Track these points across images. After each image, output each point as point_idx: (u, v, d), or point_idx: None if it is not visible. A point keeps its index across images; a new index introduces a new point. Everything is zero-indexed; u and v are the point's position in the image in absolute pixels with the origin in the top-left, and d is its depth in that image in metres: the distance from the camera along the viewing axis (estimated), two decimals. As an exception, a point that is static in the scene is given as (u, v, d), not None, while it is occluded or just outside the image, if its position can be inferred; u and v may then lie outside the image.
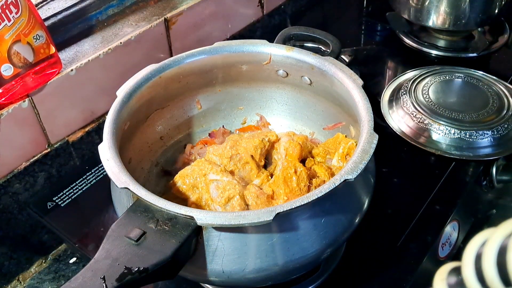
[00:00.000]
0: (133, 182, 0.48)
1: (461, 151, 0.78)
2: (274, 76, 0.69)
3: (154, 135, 0.69)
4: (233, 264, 0.48)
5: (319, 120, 0.71)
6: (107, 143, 0.52)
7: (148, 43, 0.80)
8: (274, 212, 0.44)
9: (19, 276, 0.73)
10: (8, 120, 0.66)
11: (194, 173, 0.59)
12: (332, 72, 0.62)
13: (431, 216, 0.69)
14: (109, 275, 0.41)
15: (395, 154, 0.80)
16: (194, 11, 0.86)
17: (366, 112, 0.55)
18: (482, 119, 0.80)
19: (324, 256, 0.52)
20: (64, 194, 0.72)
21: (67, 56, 0.74)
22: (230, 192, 0.56)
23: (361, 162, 0.48)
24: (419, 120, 0.82)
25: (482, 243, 0.33)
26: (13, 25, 0.61)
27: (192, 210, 0.45)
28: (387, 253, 0.65)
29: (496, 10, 0.98)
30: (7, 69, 0.63)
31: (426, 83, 0.88)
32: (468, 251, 0.34)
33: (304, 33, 0.69)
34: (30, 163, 0.71)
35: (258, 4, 1.02)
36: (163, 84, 0.64)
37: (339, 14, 1.19)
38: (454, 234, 0.74)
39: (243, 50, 0.66)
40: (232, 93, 0.73)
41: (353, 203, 0.53)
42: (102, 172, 0.75)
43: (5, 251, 0.71)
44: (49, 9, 0.77)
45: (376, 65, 1.03)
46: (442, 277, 0.36)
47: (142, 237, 0.44)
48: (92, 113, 0.77)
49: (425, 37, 1.05)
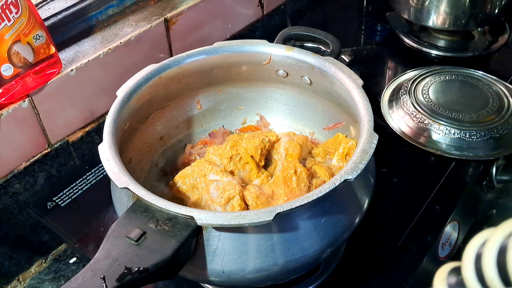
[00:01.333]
0: (133, 182, 0.48)
1: (461, 151, 0.78)
2: (274, 76, 0.69)
3: (154, 135, 0.69)
4: (233, 264, 0.48)
5: (319, 120, 0.71)
6: (107, 143, 0.52)
7: (148, 43, 0.80)
8: (274, 212, 0.44)
9: (19, 276, 0.73)
10: (8, 120, 0.66)
11: (194, 174, 0.59)
12: (332, 72, 0.62)
13: (431, 216, 0.69)
14: (109, 275, 0.41)
15: (395, 154, 0.80)
16: (194, 11, 0.86)
17: (366, 112, 0.55)
18: (482, 119, 0.80)
19: (324, 256, 0.52)
20: (64, 194, 0.72)
21: (67, 56, 0.74)
22: (230, 192, 0.56)
23: (361, 162, 0.48)
24: (419, 120, 0.82)
25: (482, 243, 0.33)
26: (13, 25, 0.61)
27: (192, 210, 0.45)
28: (387, 253, 0.65)
29: (496, 10, 0.98)
30: (7, 69, 0.63)
31: (426, 83, 0.88)
32: (468, 251, 0.34)
33: (304, 33, 0.69)
34: (30, 163, 0.71)
35: (258, 4, 1.02)
36: (163, 84, 0.64)
37: (339, 14, 1.19)
38: (454, 234, 0.74)
39: (243, 50, 0.66)
40: (232, 93, 0.73)
41: (353, 203, 0.53)
42: (102, 172, 0.75)
43: (5, 251, 0.71)
44: (49, 9, 0.77)
45: (376, 65, 1.03)
46: (442, 277, 0.36)
47: (142, 237, 0.44)
48: (92, 113, 0.77)
49: (425, 37, 1.05)
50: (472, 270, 0.33)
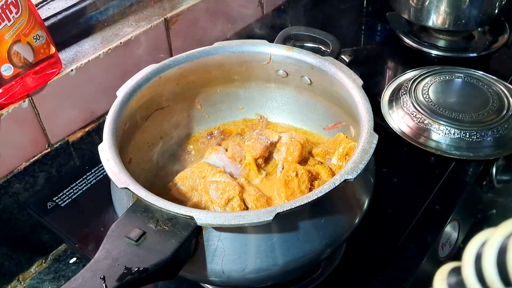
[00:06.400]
0: (133, 182, 0.48)
1: (461, 151, 0.77)
2: (274, 76, 0.69)
3: (154, 135, 0.69)
4: (233, 264, 0.48)
5: (319, 120, 0.71)
6: (107, 143, 0.52)
7: (148, 43, 0.80)
8: (274, 212, 0.44)
9: (19, 276, 0.73)
10: (8, 120, 0.66)
11: (194, 175, 0.59)
12: (332, 72, 0.62)
13: (431, 216, 0.69)
14: (109, 275, 0.41)
15: (395, 154, 0.80)
16: (194, 11, 0.86)
17: (366, 112, 0.55)
18: (482, 119, 0.80)
19: (324, 256, 0.52)
20: (64, 194, 0.72)
21: (67, 56, 0.74)
22: (230, 193, 0.56)
23: (361, 162, 0.48)
24: (419, 120, 0.82)
25: (482, 243, 0.33)
26: (13, 25, 0.61)
27: (192, 210, 0.45)
28: (387, 253, 0.65)
29: (496, 10, 0.98)
30: (7, 69, 0.63)
31: (426, 83, 0.88)
32: (468, 251, 0.34)
33: (304, 33, 0.69)
34: (30, 163, 0.71)
35: (258, 4, 1.02)
36: (163, 84, 0.64)
37: (339, 14, 1.19)
38: (454, 234, 0.74)
39: (243, 50, 0.66)
40: (232, 93, 0.73)
41: (353, 203, 0.53)
42: (102, 172, 0.75)
43: (5, 251, 0.71)
44: (49, 9, 0.77)
45: (376, 65, 1.03)
46: (442, 277, 0.36)
47: (142, 237, 0.44)
48: (92, 113, 0.77)
49: (425, 37, 1.05)
50: (472, 270, 0.33)
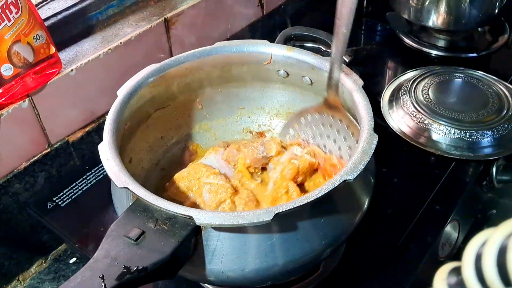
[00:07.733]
0: (133, 182, 0.48)
1: (461, 151, 0.77)
2: (275, 76, 0.69)
3: (154, 135, 0.69)
4: (232, 264, 0.48)
5: (319, 120, 0.71)
6: (107, 143, 0.52)
7: (148, 43, 0.80)
8: (273, 213, 0.44)
9: (19, 276, 0.73)
10: (8, 120, 0.66)
11: (190, 176, 0.59)
12: (332, 72, 0.61)
13: (431, 216, 0.69)
14: (108, 274, 0.41)
15: (395, 154, 0.80)
16: (194, 11, 0.86)
17: (366, 112, 0.55)
18: (482, 119, 0.80)
19: (324, 256, 0.52)
20: (64, 194, 0.72)
21: (67, 56, 0.74)
22: (221, 196, 0.56)
23: (361, 162, 0.48)
24: (419, 120, 0.82)
25: (482, 243, 0.33)
26: (13, 25, 0.61)
27: (191, 210, 0.45)
28: (387, 253, 0.65)
29: (496, 10, 0.98)
30: (7, 69, 0.63)
31: (426, 83, 0.88)
32: (468, 251, 0.34)
33: (305, 33, 0.69)
34: (30, 163, 0.71)
35: (258, 4, 1.02)
36: (163, 84, 0.64)
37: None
38: (454, 234, 0.74)
39: (243, 50, 0.66)
40: (232, 93, 0.73)
41: (353, 203, 0.53)
42: (102, 172, 0.75)
43: (5, 251, 0.71)
44: (49, 9, 0.77)
45: (376, 65, 1.03)
46: (442, 277, 0.36)
47: (141, 237, 0.44)
48: (92, 113, 0.77)
49: (425, 37, 1.05)
50: (472, 270, 0.33)
